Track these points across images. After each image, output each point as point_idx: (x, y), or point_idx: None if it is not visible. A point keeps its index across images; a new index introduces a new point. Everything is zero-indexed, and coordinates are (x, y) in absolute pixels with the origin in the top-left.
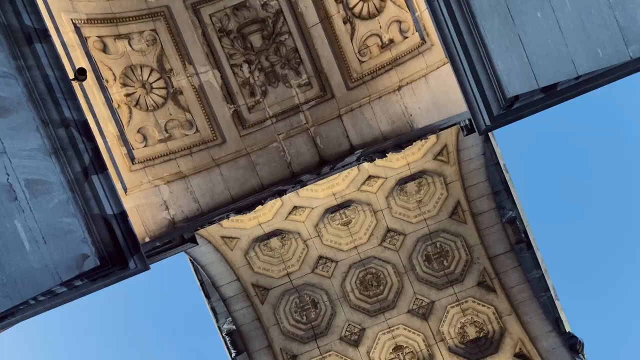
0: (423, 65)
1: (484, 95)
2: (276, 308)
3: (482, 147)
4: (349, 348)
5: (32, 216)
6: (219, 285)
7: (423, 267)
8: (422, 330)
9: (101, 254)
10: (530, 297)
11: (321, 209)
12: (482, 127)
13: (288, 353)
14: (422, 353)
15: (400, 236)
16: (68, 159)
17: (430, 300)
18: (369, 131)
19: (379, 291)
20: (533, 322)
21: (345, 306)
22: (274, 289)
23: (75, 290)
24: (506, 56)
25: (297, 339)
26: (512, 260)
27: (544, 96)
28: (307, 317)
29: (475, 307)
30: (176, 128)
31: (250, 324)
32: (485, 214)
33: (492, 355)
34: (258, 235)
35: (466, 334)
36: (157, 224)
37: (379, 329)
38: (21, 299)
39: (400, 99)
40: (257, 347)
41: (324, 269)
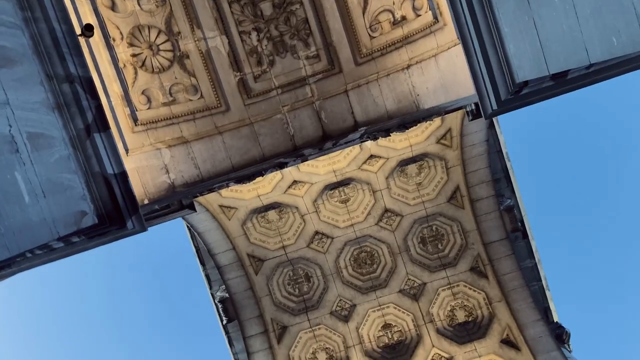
0: (434, 44)
1: (492, 78)
2: (270, 279)
3: (486, 134)
4: (339, 323)
5: (33, 169)
6: (215, 253)
7: (417, 249)
8: (412, 311)
9: (99, 212)
10: (522, 286)
11: (321, 185)
12: (489, 111)
13: (278, 323)
14: (410, 333)
15: (397, 217)
16: (71, 115)
17: (422, 281)
18: (374, 109)
19: (372, 269)
20: (522, 310)
21: (338, 282)
22: (268, 260)
23: (72, 247)
24: (519, 40)
25: (288, 311)
26: (507, 248)
27: (553, 84)
28: (300, 290)
29: (466, 292)
30: (181, 92)
31: (243, 293)
32: (483, 201)
33: (479, 339)
34: (256, 206)
35: (455, 317)
36: (157, 187)
37: (370, 306)
38: (18, 250)
39: (409, 78)
40: (248, 316)
41: (319, 245)
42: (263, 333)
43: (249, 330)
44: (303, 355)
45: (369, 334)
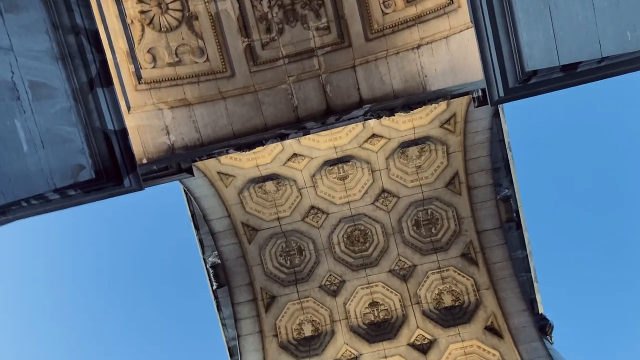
0: (446, 26)
1: (502, 65)
2: (262, 249)
3: (490, 122)
4: (327, 297)
5: (33, 118)
6: (210, 219)
7: (411, 231)
8: (400, 291)
9: (97, 168)
10: (511, 276)
11: (320, 160)
12: (495, 98)
13: (268, 293)
14: (396, 312)
15: (394, 198)
16: (75, 67)
17: (412, 263)
18: (380, 86)
19: (364, 248)
20: (509, 299)
21: (330, 257)
22: (262, 230)
23: (68, 199)
24: (532, 28)
25: (278, 281)
26: (499, 237)
27: (562, 75)
28: (291, 262)
29: (455, 277)
30: (187, 54)
31: (235, 261)
32: (481, 189)
33: (463, 324)
34: (254, 176)
35: (442, 300)
36: (156, 147)
37: (359, 283)
38: (14, 198)
39: (418, 58)
40: (238, 283)
41: (314, 219)
42: (252, 301)
43: (238, 297)
44: (289, 326)
45: (355, 310)
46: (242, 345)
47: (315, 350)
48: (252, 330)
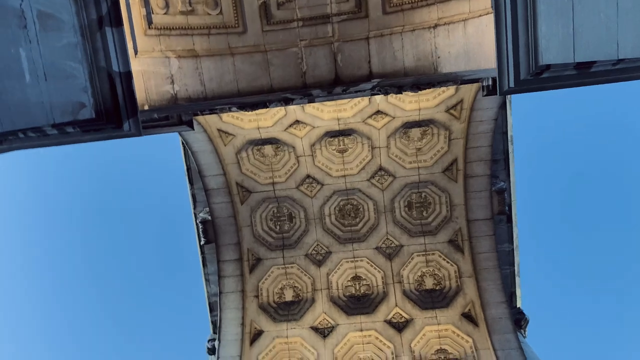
0: (466, 9)
1: (517, 55)
2: (254, 211)
3: (496, 113)
4: (312, 266)
5: (38, 49)
6: (205, 175)
7: (402, 212)
8: (384, 269)
9: (98, 108)
10: (494, 267)
11: (322, 130)
12: (505, 88)
13: (254, 255)
14: (377, 289)
15: (390, 177)
16: (85, 3)
17: (399, 243)
18: (392, 62)
19: (354, 222)
20: (489, 290)
21: (319, 227)
22: (256, 193)
23: (65, 136)
24: (552, 21)
25: (266, 245)
26: (489, 228)
27: (575, 73)
28: (281, 227)
29: (440, 262)
30: (200, 4)
31: (226, 219)
32: (477, 178)
33: (441, 308)
34: (254, 138)
35: (424, 283)
36: (160, 95)
37: (345, 256)
38: (12, 127)
39: (433, 38)
40: (226, 242)
41: (308, 188)
42: (237, 260)
43: (224, 255)
44: (271, 289)
45: (338, 282)
46: (223, 302)
47: (294, 315)
48: (235, 288)
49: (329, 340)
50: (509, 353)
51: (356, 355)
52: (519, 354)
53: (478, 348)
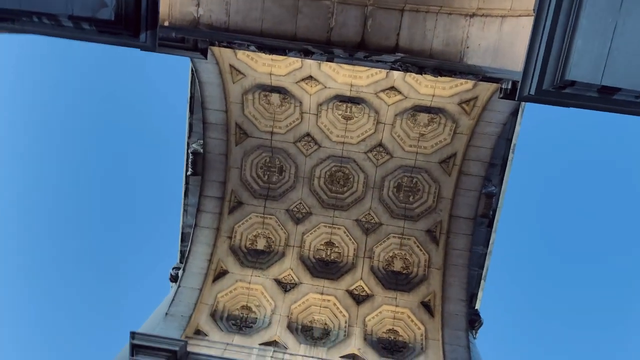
0: (507, 5)
1: (545, 63)
2: (246, 155)
3: (506, 118)
4: (290, 222)
5: None
6: (207, 107)
7: (390, 192)
8: (358, 242)
9: (119, 11)
10: (464, 265)
11: (333, 92)
12: (525, 94)
13: (236, 198)
14: (347, 258)
15: (387, 155)
16: None
17: (379, 221)
18: (420, 40)
19: (341, 190)
20: (453, 286)
21: (306, 187)
22: (253, 138)
23: (80, 32)
24: (590, 38)
25: (250, 191)
26: (468, 227)
27: (597, 96)
28: (269, 178)
29: (413, 248)
30: None
31: (217, 156)
32: (471, 177)
33: (403, 292)
34: (264, 83)
35: (393, 264)
36: (182, 14)
37: (324, 220)
38: (29, 7)
39: (467, 27)
40: (212, 178)
41: (305, 146)
42: (219, 199)
43: (207, 191)
44: (245, 234)
45: (311, 243)
46: (196, 235)
47: (261, 264)
48: (210, 225)
49: (289, 296)
50: (456, 349)
51: (311, 316)
52: (466, 352)
53: (428, 337)
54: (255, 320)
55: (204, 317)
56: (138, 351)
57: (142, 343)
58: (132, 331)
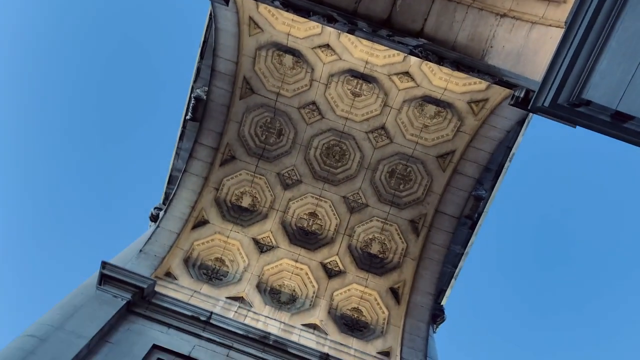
0: (540, 12)
1: (566, 78)
2: (248, 111)
3: (512, 126)
4: (279, 186)
5: None
6: (218, 55)
7: (382, 176)
8: (342, 218)
9: None
10: (438, 261)
11: (347, 65)
12: (538, 104)
13: (231, 151)
14: (328, 232)
15: (387, 140)
16: None
17: (366, 203)
18: (446, 30)
19: (335, 165)
20: (424, 279)
21: (301, 155)
22: (258, 95)
23: None
24: (616, 61)
25: (246, 147)
26: (451, 225)
27: (609, 121)
28: (267, 138)
29: (393, 235)
30: None
31: (219, 106)
32: (464, 177)
33: (374, 275)
34: (280, 42)
35: (370, 246)
36: None
37: (312, 191)
38: None
39: (495, 26)
40: (210, 127)
41: (308, 114)
42: (213, 149)
43: (203, 139)
44: (232, 189)
45: (295, 211)
46: (184, 180)
47: (243, 221)
48: (200, 173)
49: (263, 257)
50: (415, 339)
51: (281, 280)
52: (423, 343)
53: (390, 323)
54: (226, 274)
55: (176, 261)
56: (106, 281)
57: (112, 274)
58: (104, 261)
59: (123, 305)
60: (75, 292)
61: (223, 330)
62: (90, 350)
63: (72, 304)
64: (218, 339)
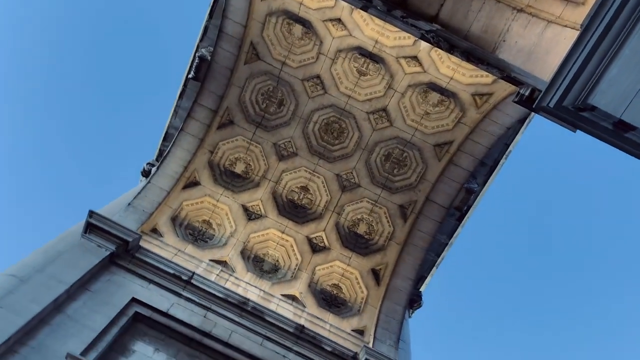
0: (558, 12)
1: (574, 81)
2: (251, 77)
3: (512, 123)
4: (274, 156)
5: None
6: (227, 16)
7: (378, 158)
8: (333, 195)
9: None
10: (423, 248)
11: (356, 42)
12: (543, 104)
13: (229, 116)
14: (316, 207)
15: (387, 122)
16: None
17: (358, 183)
18: (461, 19)
19: (332, 142)
20: (406, 264)
21: (300, 127)
22: (263, 62)
23: None
24: (626, 70)
25: (245, 114)
26: (440, 215)
27: (610, 129)
28: (267, 107)
29: (381, 218)
30: None
31: (223, 68)
32: (458, 168)
33: (358, 254)
34: (291, 11)
35: (357, 226)
36: None
37: (306, 165)
38: None
39: (511, 20)
40: (211, 88)
41: (311, 87)
42: (212, 111)
43: (203, 99)
44: (227, 154)
45: (287, 183)
46: (179, 139)
47: (234, 187)
48: (196, 133)
49: (251, 224)
50: (390, 321)
51: (266, 249)
52: (397, 325)
53: (368, 302)
54: (212, 237)
55: (164, 219)
56: (92, 231)
57: (98, 224)
58: (92, 210)
59: (106, 256)
60: (60, 237)
61: (203, 292)
62: (70, 296)
63: (56, 249)
64: (197, 299)
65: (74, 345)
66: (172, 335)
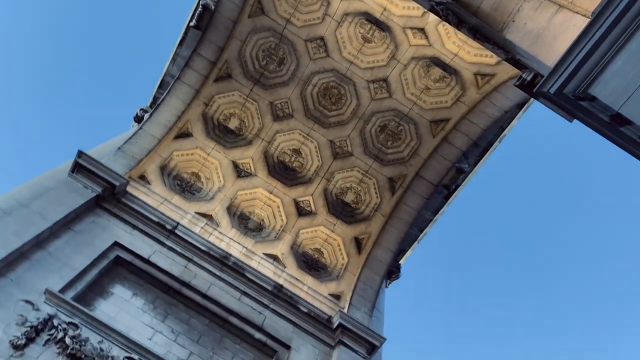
0: None
1: (577, 69)
2: (254, 32)
3: (510, 107)
4: (269, 116)
5: None
6: None
7: (373, 128)
8: (324, 161)
9: None
10: (407, 222)
11: (363, 7)
12: (544, 89)
13: (228, 69)
14: (306, 171)
15: (386, 93)
16: None
17: (351, 152)
18: None
19: (328, 107)
20: (389, 235)
21: (298, 89)
22: (267, 18)
23: None
24: (631, 63)
25: (244, 69)
26: (427, 191)
27: (606, 122)
28: (267, 64)
29: (370, 189)
30: None
31: (226, 20)
32: (451, 147)
33: (343, 222)
34: None
35: (345, 194)
36: None
37: (301, 128)
38: None
39: (522, 1)
40: (212, 39)
41: (314, 49)
42: (211, 62)
43: (202, 50)
44: (222, 108)
45: (280, 144)
46: (175, 87)
47: (226, 142)
48: (192, 84)
49: (239, 182)
50: (367, 289)
51: (253, 208)
52: (373, 294)
53: (347, 269)
54: (199, 190)
55: (153, 167)
56: (79, 171)
57: (86, 165)
58: (80, 150)
59: (92, 198)
60: (47, 174)
61: (186, 243)
62: (52, 233)
63: (42, 185)
64: (179, 249)
65: (54, 281)
66: (151, 282)
